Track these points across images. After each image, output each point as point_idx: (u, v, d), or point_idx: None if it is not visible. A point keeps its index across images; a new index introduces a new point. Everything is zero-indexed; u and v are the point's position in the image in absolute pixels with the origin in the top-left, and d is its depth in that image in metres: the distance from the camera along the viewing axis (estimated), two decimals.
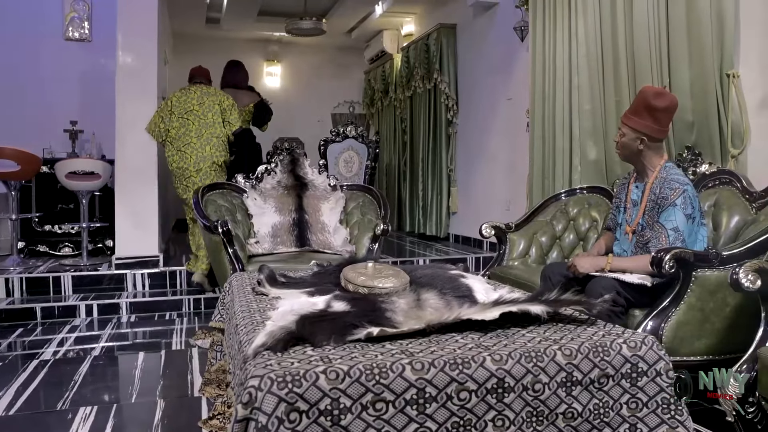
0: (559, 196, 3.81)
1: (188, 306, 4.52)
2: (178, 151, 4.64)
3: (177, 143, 4.64)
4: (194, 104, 4.69)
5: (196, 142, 4.64)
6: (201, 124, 4.66)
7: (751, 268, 1.87)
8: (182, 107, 4.67)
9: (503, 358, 1.26)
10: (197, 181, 4.60)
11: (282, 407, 1.15)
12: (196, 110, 4.68)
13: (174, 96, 4.73)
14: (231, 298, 2.16)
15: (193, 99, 4.72)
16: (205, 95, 4.75)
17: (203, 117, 4.67)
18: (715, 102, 3.15)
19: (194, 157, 4.62)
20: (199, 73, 5.02)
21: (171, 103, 4.69)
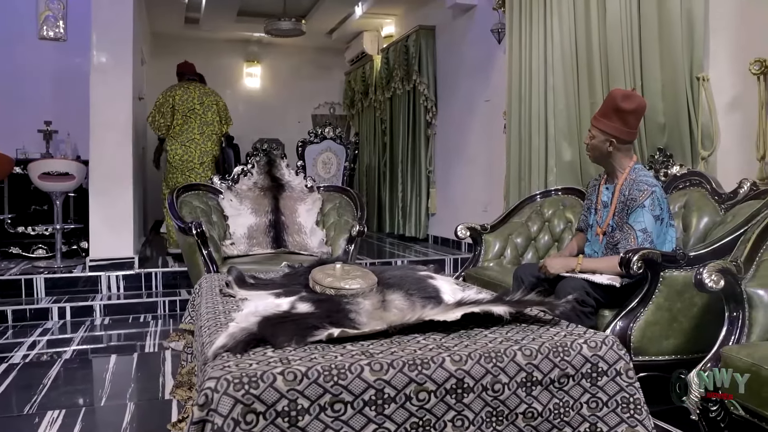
0: (534, 198, 3.84)
1: (163, 308, 4.48)
2: (182, 145, 5.20)
3: (181, 138, 5.20)
4: (195, 103, 5.22)
5: (198, 138, 5.23)
6: (202, 121, 5.23)
7: (715, 268, 1.90)
8: (185, 106, 5.19)
9: (463, 358, 1.26)
10: (200, 172, 5.21)
11: (238, 408, 1.14)
12: (197, 109, 5.22)
13: (177, 94, 5.18)
14: (200, 299, 2.14)
15: (194, 98, 5.22)
16: (204, 95, 5.29)
17: (203, 115, 5.24)
18: (685, 104, 3.20)
19: (198, 151, 5.23)
20: (190, 70, 5.50)
21: (174, 100, 5.16)
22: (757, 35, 2.89)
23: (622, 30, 3.51)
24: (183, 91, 5.23)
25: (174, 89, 5.28)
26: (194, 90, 5.27)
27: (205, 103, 5.25)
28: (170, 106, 5.17)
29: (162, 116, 5.19)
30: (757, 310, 1.92)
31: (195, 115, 5.20)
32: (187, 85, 5.31)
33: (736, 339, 1.89)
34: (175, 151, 5.21)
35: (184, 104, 5.19)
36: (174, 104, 5.17)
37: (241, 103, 9.26)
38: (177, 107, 5.18)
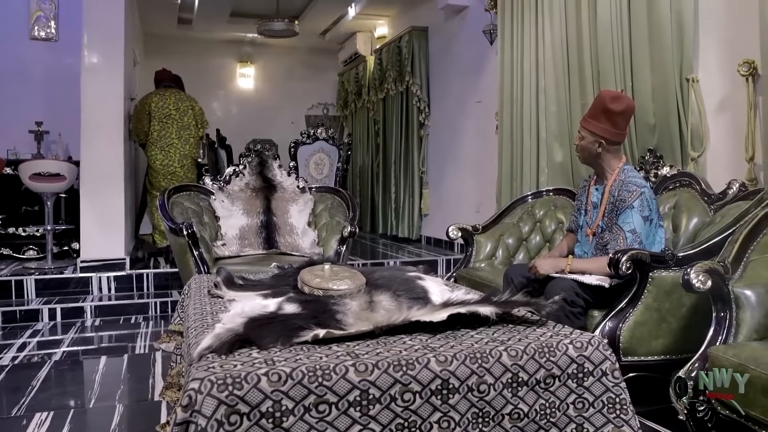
0: (525, 198, 3.85)
1: (155, 309, 4.47)
2: (162, 150, 5.33)
3: (160, 144, 5.32)
4: (171, 109, 5.37)
5: (177, 142, 5.38)
6: (179, 126, 5.38)
7: (702, 268, 1.90)
8: (161, 112, 5.33)
9: (448, 359, 1.26)
10: (181, 175, 5.37)
11: (222, 410, 1.14)
12: (174, 114, 5.37)
13: (152, 101, 5.32)
14: (189, 300, 2.13)
15: (169, 104, 5.37)
16: (179, 101, 5.44)
17: (180, 120, 5.40)
18: (675, 106, 3.21)
19: (177, 155, 5.37)
20: (167, 77, 5.63)
21: (149, 107, 5.31)
22: (745, 36, 2.91)
23: (613, 32, 3.53)
24: (159, 97, 5.39)
25: (150, 96, 5.42)
26: (170, 96, 5.42)
27: (180, 108, 5.42)
28: (146, 113, 5.32)
29: (139, 122, 5.33)
30: (744, 311, 1.92)
31: (172, 121, 5.36)
32: (163, 92, 5.45)
33: (723, 339, 1.90)
34: (155, 156, 5.35)
35: (160, 110, 5.34)
36: (150, 111, 5.32)
37: (234, 104, 9.25)
38: (153, 114, 5.32)
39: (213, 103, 9.11)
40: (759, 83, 2.85)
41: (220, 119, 8.80)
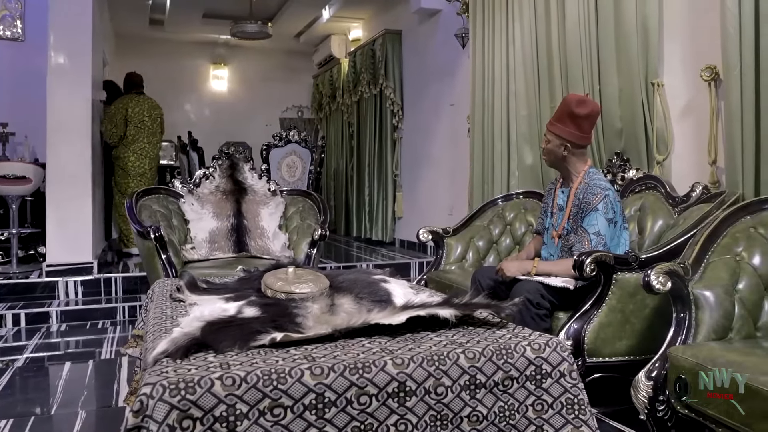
0: (496, 201, 3.87)
1: (123, 314, 4.40)
2: (135, 153, 5.67)
3: (133, 147, 5.65)
4: (145, 115, 5.71)
5: (148, 146, 5.75)
6: (149, 132, 5.75)
7: (662, 270, 1.93)
8: (136, 117, 5.65)
9: (405, 361, 1.25)
10: (149, 177, 5.75)
11: (174, 414, 1.12)
12: (146, 120, 5.72)
13: (129, 106, 5.62)
14: (152, 305, 2.10)
15: (144, 110, 5.71)
16: (152, 108, 5.80)
17: (151, 126, 5.75)
18: (641, 110, 3.25)
19: (148, 158, 5.75)
20: (140, 82, 5.89)
21: (126, 112, 5.59)
22: (707, 42, 2.96)
23: (581, 36, 3.57)
24: (134, 104, 5.68)
25: (125, 101, 5.69)
26: (144, 103, 5.76)
27: (152, 115, 5.78)
28: (122, 117, 5.60)
29: (115, 126, 5.59)
30: (703, 311, 1.95)
31: (144, 127, 5.71)
32: (137, 99, 5.75)
33: (682, 339, 1.92)
34: (128, 158, 5.67)
35: (136, 116, 5.65)
36: (127, 116, 5.61)
37: (207, 106, 9.17)
38: (129, 118, 5.62)
39: (185, 105, 9.04)
40: (721, 88, 2.90)
41: (192, 121, 8.73)
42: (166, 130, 8.05)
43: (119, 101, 5.69)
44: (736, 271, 2.05)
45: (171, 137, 7.76)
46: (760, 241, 2.11)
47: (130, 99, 5.69)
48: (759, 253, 2.09)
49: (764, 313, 2.03)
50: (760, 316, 2.01)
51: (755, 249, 2.10)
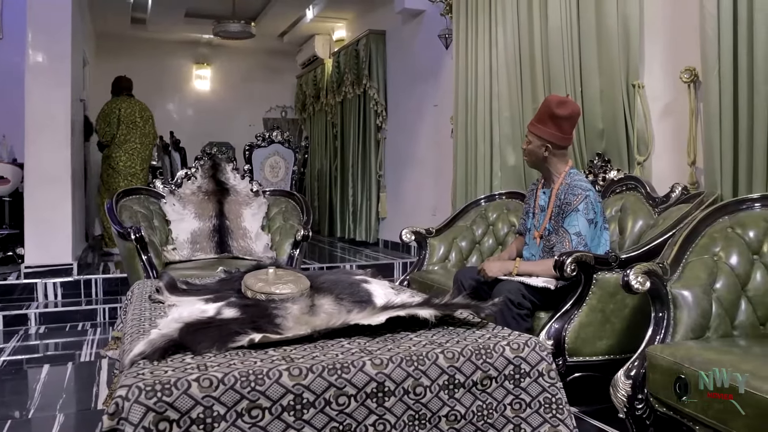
0: (479, 202, 3.88)
1: (103, 315, 4.35)
2: (126, 153, 5.86)
3: (125, 147, 5.84)
4: (136, 116, 5.91)
5: (139, 147, 5.93)
6: (141, 133, 5.94)
7: (641, 270, 1.94)
8: (128, 118, 5.85)
9: (384, 362, 1.25)
10: (141, 177, 5.90)
11: (150, 417, 1.11)
12: (138, 121, 5.91)
13: (121, 107, 5.83)
14: (130, 306, 2.08)
15: (135, 112, 5.92)
16: (143, 110, 6.00)
17: (142, 128, 5.94)
18: (622, 111, 3.28)
19: (139, 158, 5.94)
20: (130, 86, 6.08)
21: (120, 112, 5.82)
22: (687, 44, 2.99)
23: (563, 38, 3.59)
24: (126, 105, 5.88)
25: (118, 102, 5.89)
26: (135, 104, 5.96)
27: (144, 117, 5.97)
28: (116, 117, 5.80)
29: (108, 126, 5.80)
30: (681, 311, 1.97)
31: (136, 127, 5.89)
32: (129, 100, 5.95)
33: (661, 338, 1.94)
34: (119, 158, 5.84)
35: (127, 117, 5.84)
36: (120, 116, 5.81)
37: (190, 106, 9.11)
38: (122, 119, 5.82)
39: (168, 104, 8.96)
40: (700, 90, 2.93)
41: (175, 121, 8.67)
42: None
43: (112, 102, 5.89)
44: (714, 270, 2.07)
45: None
46: (737, 241, 2.14)
47: (122, 100, 5.90)
48: (736, 253, 2.11)
49: (741, 312, 2.05)
50: (736, 315, 2.04)
51: (732, 249, 2.12)
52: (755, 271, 2.09)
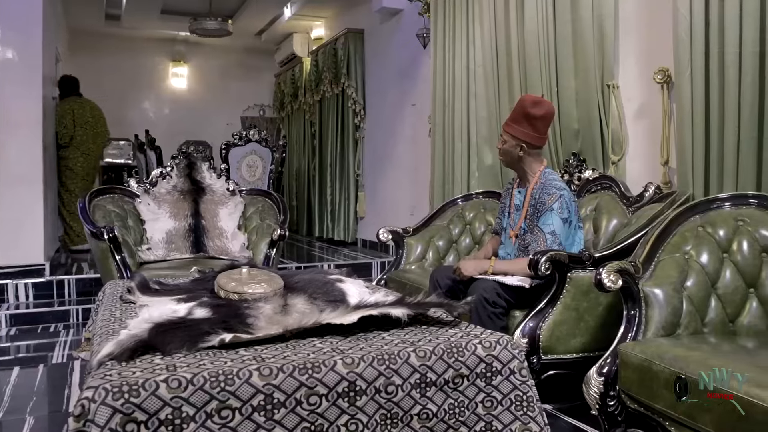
0: (456, 201, 3.89)
1: (76, 316, 4.28)
2: (83, 154, 5.85)
3: (81, 148, 5.83)
4: (88, 117, 5.89)
5: (93, 147, 5.95)
6: (94, 133, 5.95)
7: (613, 269, 1.97)
8: (82, 119, 5.83)
9: (355, 361, 1.25)
10: (94, 176, 6.08)
11: (117, 418, 1.10)
12: (90, 122, 5.91)
13: (74, 108, 5.79)
14: (101, 307, 2.05)
15: (87, 112, 5.90)
16: (93, 109, 6.00)
17: (95, 128, 5.95)
18: (597, 111, 3.31)
19: (94, 158, 6.00)
20: (78, 86, 6.09)
21: (73, 113, 5.77)
22: (660, 45, 3.02)
23: (539, 38, 3.61)
24: (78, 105, 5.87)
25: (70, 103, 5.85)
26: (86, 104, 5.95)
27: (95, 116, 5.98)
28: (71, 118, 5.77)
29: (65, 127, 5.73)
30: (652, 309, 2.00)
31: (89, 127, 5.89)
32: (80, 101, 5.94)
33: (633, 336, 1.96)
34: (76, 159, 5.84)
35: (81, 117, 5.84)
36: (74, 117, 5.79)
37: (166, 104, 9.01)
38: (76, 120, 5.80)
39: (144, 102, 8.86)
40: (673, 91, 2.97)
41: (151, 120, 8.57)
42: (123, 129, 7.94)
43: (65, 103, 5.83)
44: (685, 269, 2.10)
45: (128, 135, 7.60)
46: (708, 240, 2.17)
47: (73, 101, 5.88)
48: (706, 251, 2.15)
49: (711, 309, 2.08)
50: (707, 313, 2.07)
51: (703, 247, 2.15)
52: (725, 269, 2.13)
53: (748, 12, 2.44)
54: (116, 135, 8.31)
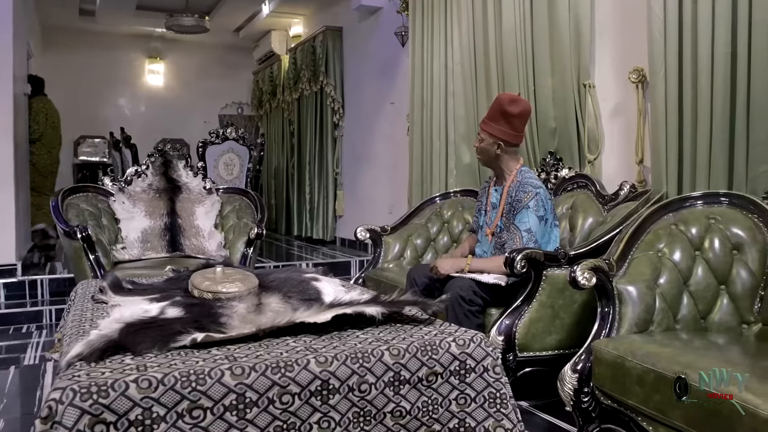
0: (434, 199, 3.90)
1: (49, 317, 4.22)
2: (49, 151, 5.94)
3: (48, 146, 5.93)
4: (56, 116, 6.06)
5: (57, 146, 6.11)
6: (58, 133, 6.11)
7: (587, 266, 1.98)
8: (52, 117, 5.98)
9: (328, 359, 1.24)
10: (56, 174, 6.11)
11: (85, 419, 1.08)
12: (56, 121, 6.05)
13: (46, 106, 5.92)
14: (73, 307, 2.02)
15: (55, 111, 6.07)
16: (55, 110, 6.10)
17: (58, 127, 6.10)
18: (573, 110, 3.33)
19: (57, 155, 6.10)
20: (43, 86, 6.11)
21: (46, 111, 5.89)
22: (635, 45, 3.05)
23: (517, 37, 3.63)
24: (46, 103, 5.98)
25: (42, 101, 5.94)
26: (51, 104, 6.06)
27: (58, 116, 6.10)
28: (44, 115, 5.87)
29: (37, 124, 5.81)
30: (626, 306, 2.02)
31: (55, 126, 6.04)
32: (46, 99, 6.02)
33: (607, 333, 1.98)
34: (42, 156, 5.90)
35: (51, 115, 5.98)
36: (46, 114, 5.90)
37: (142, 102, 8.90)
38: (48, 117, 5.92)
39: (119, 99, 8.74)
40: (647, 90, 3.00)
41: (127, 117, 8.45)
42: (98, 126, 7.87)
43: (38, 100, 5.88)
44: (658, 266, 2.12)
45: (103, 133, 7.52)
46: (681, 238, 2.20)
47: (43, 99, 5.96)
48: (679, 249, 2.17)
49: (683, 306, 2.11)
50: (679, 309, 2.09)
51: (676, 245, 2.18)
52: (697, 267, 2.16)
53: (720, 13, 2.48)
54: (91, 132, 8.24)
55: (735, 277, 2.10)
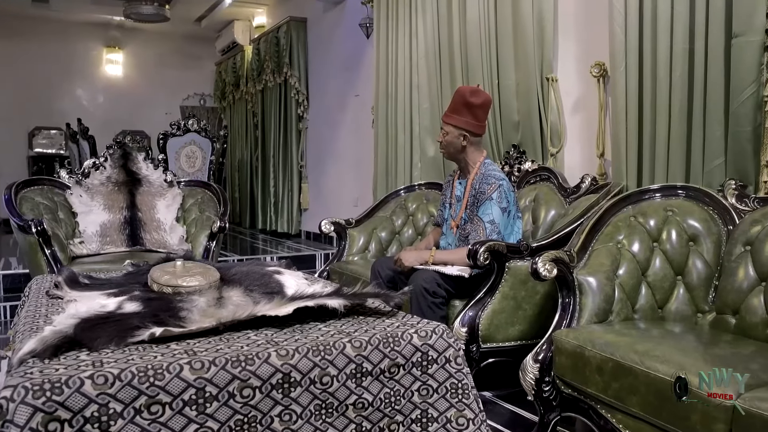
0: (398, 192, 3.90)
1: (4, 314, 4.09)
2: None
3: None
4: None
5: None
6: None
7: (548, 258, 2.01)
8: None
9: (290, 352, 1.23)
10: None
11: (38, 417, 1.05)
12: None
13: None
14: (27, 303, 1.96)
15: None
16: None
17: None
18: (536, 104, 3.36)
19: None
20: None
21: None
22: (597, 40, 3.09)
23: (481, 30, 3.64)
24: None
25: None
26: None
27: None
28: None
29: None
30: (586, 296, 2.05)
31: None
32: None
33: (567, 323, 2.01)
34: None
35: None
36: None
37: (100, 92, 8.67)
38: None
39: (76, 90, 8.49)
40: (608, 85, 3.04)
41: (85, 108, 8.22)
42: (54, 118, 7.65)
43: None
44: (617, 257, 2.17)
45: (60, 125, 7.30)
46: (639, 230, 2.24)
47: None
48: (638, 240, 2.22)
49: (641, 296, 2.16)
50: (637, 300, 2.14)
51: (635, 237, 2.23)
52: (654, 258, 2.21)
53: (679, 10, 2.52)
54: (47, 124, 8.00)
55: (691, 268, 2.16)
